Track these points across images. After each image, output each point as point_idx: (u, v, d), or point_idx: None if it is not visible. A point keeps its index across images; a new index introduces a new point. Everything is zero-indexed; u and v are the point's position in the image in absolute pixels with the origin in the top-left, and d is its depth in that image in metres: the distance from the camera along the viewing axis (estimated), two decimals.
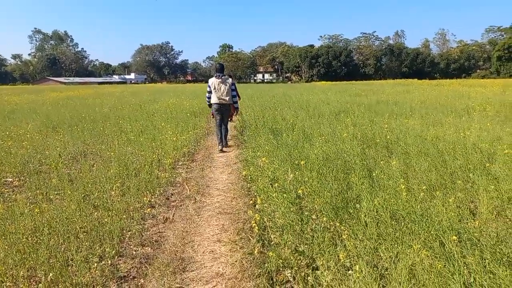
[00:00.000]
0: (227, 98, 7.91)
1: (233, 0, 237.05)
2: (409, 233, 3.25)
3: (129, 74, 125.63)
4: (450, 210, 3.59)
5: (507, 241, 3.10)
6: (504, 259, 2.81)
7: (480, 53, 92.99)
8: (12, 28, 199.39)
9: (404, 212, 3.62)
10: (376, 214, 3.65)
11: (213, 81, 7.93)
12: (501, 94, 20.53)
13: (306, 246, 3.26)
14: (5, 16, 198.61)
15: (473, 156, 5.65)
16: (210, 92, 8.07)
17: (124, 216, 4.04)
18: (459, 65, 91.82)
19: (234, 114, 8.81)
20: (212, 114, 8.29)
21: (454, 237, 2.99)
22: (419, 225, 3.33)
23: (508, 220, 3.62)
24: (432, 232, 3.18)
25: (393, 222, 3.44)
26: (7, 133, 8.84)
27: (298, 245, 3.29)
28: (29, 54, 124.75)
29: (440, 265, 2.68)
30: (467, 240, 3.09)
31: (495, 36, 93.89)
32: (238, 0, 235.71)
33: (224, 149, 8.06)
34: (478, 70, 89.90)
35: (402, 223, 3.40)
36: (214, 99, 7.95)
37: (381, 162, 5.37)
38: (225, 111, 8.12)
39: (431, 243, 3.07)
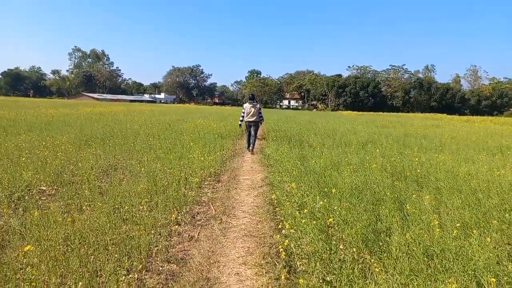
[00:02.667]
0: (255, 118, 11.11)
1: (263, 27, 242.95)
2: (443, 271, 3.12)
3: (159, 93, 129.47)
4: (487, 251, 3.43)
5: None
6: None
7: None
8: (54, 46, 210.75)
9: (438, 248, 3.50)
10: (407, 248, 3.53)
11: (246, 105, 11.18)
12: None
13: (334, 276, 3.18)
14: (49, 34, 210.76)
15: (509, 196, 5.42)
16: (243, 113, 11.24)
17: (152, 232, 4.08)
18: (491, 102, 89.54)
19: (260, 125, 11.83)
20: (244, 129, 11.52)
21: (493, 279, 2.85)
22: (453, 263, 3.20)
23: None
24: (468, 272, 3.04)
25: (425, 258, 3.32)
26: (43, 143, 9.21)
27: (326, 274, 3.21)
28: (67, 70, 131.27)
29: None
30: (506, 284, 2.94)
31: None
32: (268, 28, 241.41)
33: (252, 153, 10.97)
34: (511, 109, 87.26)
35: (436, 260, 3.27)
36: (246, 118, 11.13)
37: (413, 196, 5.23)
38: (254, 125, 11.19)
39: (467, 283, 2.93)
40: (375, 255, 3.45)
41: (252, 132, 11.14)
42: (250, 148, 11.05)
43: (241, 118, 11.45)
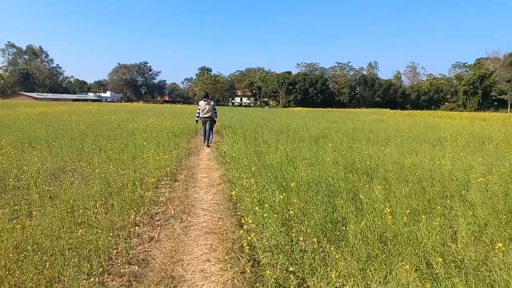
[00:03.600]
0: (209, 114, 12.08)
1: (212, 23, 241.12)
2: (397, 255, 3.36)
3: (105, 92, 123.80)
4: (434, 234, 3.73)
5: (487, 264, 3.26)
6: (487, 281, 2.95)
7: (448, 86, 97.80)
8: None
9: (391, 234, 3.74)
10: (363, 236, 3.75)
11: (201, 103, 12.22)
12: (469, 126, 21.58)
13: (296, 266, 3.30)
14: None
15: (449, 184, 5.91)
16: (199, 110, 12.16)
17: (110, 234, 3.95)
18: (429, 97, 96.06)
19: (214, 123, 12.75)
20: (202, 124, 12.31)
21: (440, 259, 3.12)
22: (405, 247, 3.45)
23: (485, 244, 3.79)
24: (419, 254, 3.30)
25: (380, 244, 3.54)
26: None
27: (289, 265, 3.32)
28: (0, 68, 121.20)
29: (429, 286, 2.78)
30: (451, 262, 3.23)
31: (461, 72, 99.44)
32: (217, 24, 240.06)
33: (208, 146, 11.88)
34: (446, 103, 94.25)
35: (390, 245, 3.51)
36: (202, 114, 12.06)
37: (366, 186, 5.53)
38: (209, 121, 12.07)
39: (418, 264, 3.18)
40: (334, 244, 3.62)
41: (208, 127, 12.04)
42: (206, 142, 11.95)
43: (197, 115, 12.30)
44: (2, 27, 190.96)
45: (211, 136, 12.35)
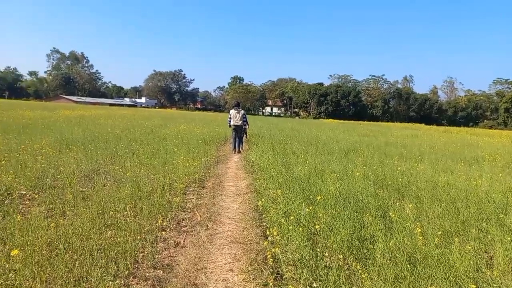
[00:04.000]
0: (239, 122, 12.57)
1: (247, 33, 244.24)
2: (426, 278, 3.22)
3: (140, 98, 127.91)
4: (467, 258, 3.56)
5: None
6: None
7: (487, 103, 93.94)
8: (31, 46, 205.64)
9: (420, 256, 3.60)
10: (391, 255, 3.62)
11: (232, 111, 12.79)
12: (510, 145, 20.56)
13: (320, 283, 3.24)
14: (25, 34, 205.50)
15: (486, 206, 5.63)
16: (230, 118, 12.75)
17: (137, 237, 4.04)
18: (467, 113, 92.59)
19: (244, 132, 13.22)
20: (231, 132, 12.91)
21: (473, 286, 2.96)
22: (436, 270, 3.30)
23: None
24: (450, 279, 3.15)
25: (408, 265, 3.41)
26: (22, 146, 8.96)
27: (312, 281, 3.26)
28: (45, 72, 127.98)
29: None
30: None
31: (502, 88, 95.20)
32: (251, 33, 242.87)
33: (238, 151, 12.42)
34: (485, 120, 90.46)
35: (419, 267, 3.37)
36: (232, 123, 12.55)
37: (396, 204, 5.37)
38: (239, 130, 12.60)
39: None
40: (360, 262, 3.52)
41: (237, 135, 12.59)
42: (236, 149, 12.46)
43: (228, 121, 12.91)
44: (48, 33, 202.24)
45: (241, 144, 12.82)
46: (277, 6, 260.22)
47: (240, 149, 12.62)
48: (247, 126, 13.38)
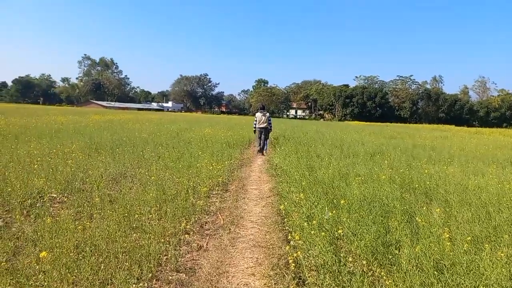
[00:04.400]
0: (265, 125, 13.04)
1: (271, 36, 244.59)
2: (454, 286, 3.10)
3: (167, 102, 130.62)
4: (499, 266, 3.40)
5: None
6: None
7: None
8: (64, 54, 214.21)
9: (448, 262, 3.47)
10: (417, 262, 3.51)
11: (258, 114, 13.29)
12: None
13: None
14: (59, 42, 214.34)
15: None
16: (255, 121, 13.23)
17: (161, 240, 4.11)
18: (500, 114, 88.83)
19: (269, 132, 13.72)
20: (256, 134, 13.30)
21: None
22: (464, 278, 3.17)
23: None
24: (480, 287, 3.02)
25: (435, 272, 3.30)
26: (54, 151, 9.33)
27: (335, 287, 3.21)
28: (76, 78, 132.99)
29: None
30: None
31: None
32: (276, 37, 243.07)
33: (263, 153, 12.93)
34: None
35: (446, 274, 3.25)
36: (258, 125, 13.04)
37: (423, 208, 5.21)
38: (264, 131, 13.07)
39: None
40: (384, 268, 3.44)
41: (263, 137, 13.05)
42: (262, 151, 13.02)
43: (254, 125, 13.34)
44: (80, 40, 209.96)
45: (265, 146, 13.37)
46: (302, 10, 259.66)
47: (264, 152, 13.08)
48: (271, 126, 13.75)
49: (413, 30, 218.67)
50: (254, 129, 13.45)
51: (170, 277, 3.43)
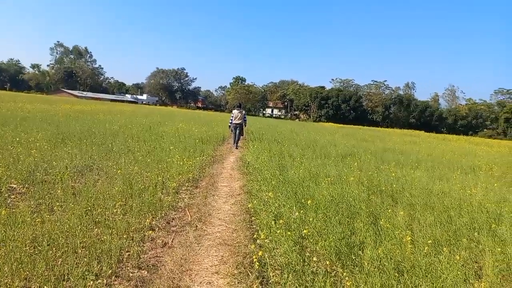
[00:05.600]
0: (240, 121, 13.98)
1: (250, 35, 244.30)
2: (413, 287, 3.18)
3: (141, 94, 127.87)
4: (455, 268, 3.51)
5: None
6: None
7: (488, 113, 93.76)
8: (35, 40, 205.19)
9: (408, 264, 3.56)
10: (379, 263, 3.58)
11: (235, 111, 14.17)
12: (508, 155, 20.53)
13: None
14: (29, 27, 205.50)
15: (479, 215, 5.59)
16: (232, 117, 14.08)
17: (124, 236, 3.99)
18: (467, 122, 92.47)
19: (244, 127, 14.59)
20: (231, 130, 14.34)
21: None
22: (423, 280, 3.26)
23: None
24: None
25: (396, 274, 3.37)
26: (17, 139, 8.92)
27: (298, 286, 3.22)
28: (47, 65, 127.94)
29: None
30: None
31: (503, 98, 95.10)
32: (255, 36, 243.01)
33: (236, 148, 13.78)
34: (485, 130, 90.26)
35: (406, 276, 3.33)
36: (234, 121, 13.98)
37: (389, 211, 5.33)
38: (239, 127, 14.05)
39: None
40: (347, 269, 3.48)
41: (237, 132, 14.14)
42: (235, 145, 14.09)
43: (230, 121, 14.33)
44: (52, 27, 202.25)
45: (239, 140, 14.54)
46: (280, 10, 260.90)
47: (237, 145, 14.24)
48: (245, 125, 14.82)
49: (389, 36, 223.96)
50: (229, 124, 14.44)
51: (131, 274, 3.34)
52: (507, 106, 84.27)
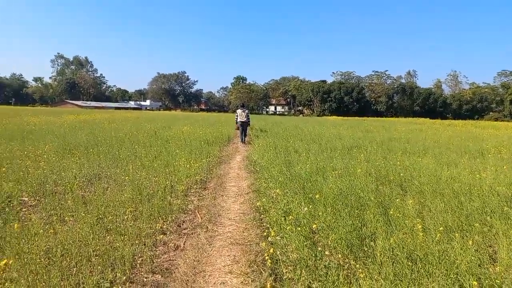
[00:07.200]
0: (245, 119, 15.52)
1: (248, 34, 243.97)
2: (426, 275, 3.17)
3: (144, 100, 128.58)
4: (469, 254, 3.50)
5: None
6: None
7: (492, 95, 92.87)
8: (36, 53, 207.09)
9: (421, 253, 3.55)
10: (391, 253, 3.58)
11: (239, 111, 15.75)
12: None
13: (319, 283, 3.20)
14: (30, 41, 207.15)
15: (490, 199, 5.54)
16: (237, 116, 15.71)
17: (136, 242, 4.03)
18: (472, 106, 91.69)
19: (248, 125, 16.12)
20: (238, 127, 15.82)
21: (475, 283, 2.91)
22: (436, 267, 3.25)
23: None
24: (451, 276, 3.09)
25: (409, 263, 3.36)
26: (25, 153, 9.02)
27: (311, 281, 3.23)
28: (50, 78, 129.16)
29: None
30: (488, 287, 3.00)
31: (507, 80, 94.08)
32: (253, 34, 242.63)
33: (243, 144, 15.03)
34: (491, 113, 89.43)
35: (419, 264, 3.32)
36: (239, 119, 15.53)
37: (397, 200, 5.30)
38: (245, 125, 15.59)
39: (450, 287, 2.98)
40: (360, 261, 3.48)
41: (243, 129, 15.60)
42: (243, 140, 15.50)
43: (236, 119, 15.95)
44: (52, 39, 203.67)
45: (245, 137, 15.89)
46: (278, 7, 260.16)
47: (245, 141, 15.57)
48: (250, 121, 16.47)
49: (388, 24, 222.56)
50: (236, 121, 16.02)
51: (145, 279, 3.37)
52: (511, 87, 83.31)
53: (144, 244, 4.06)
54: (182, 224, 5.04)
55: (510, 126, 34.88)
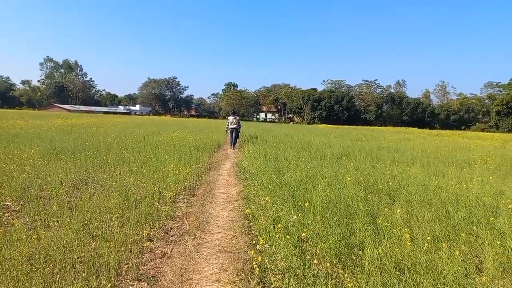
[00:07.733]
0: (236, 126, 15.91)
1: (240, 40, 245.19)
2: (414, 285, 3.17)
3: (134, 105, 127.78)
4: (456, 264, 3.51)
5: None
6: None
7: (479, 106, 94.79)
8: (24, 56, 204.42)
9: (409, 262, 3.55)
10: (380, 262, 3.57)
11: (230, 117, 16.12)
12: (501, 148, 20.68)
13: None
14: (18, 43, 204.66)
15: (476, 209, 5.61)
16: (228, 123, 16.03)
17: (122, 248, 3.95)
18: (459, 117, 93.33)
19: (238, 131, 16.51)
20: (228, 133, 16.16)
21: None
22: (424, 277, 3.26)
23: None
24: (438, 286, 3.10)
25: (397, 272, 3.36)
26: (10, 156, 8.84)
27: None
28: (38, 81, 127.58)
29: None
30: None
31: (493, 91, 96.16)
32: (245, 41, 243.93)
33: (233, 150, 15.32)
34: (477, 123, 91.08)
35: (407, 274, 3.32)
36: (230, 126, 15.91)
37: (385, 209, 5.33)
38: (235, 131, 15.88)
39: None
40: (348, 270, 3.47)
41: (234, 135, 15.93)
42: (233, 146, 15.73)
43: (227, 126, 16.28)
44: (42, 42, 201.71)
45: (236, 142, 16.19)
46: (270, 14, 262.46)
47: (235, 146, 15.82)
48: (241, 127, 16.92)
49: (378, 34, 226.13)
50: (226, 128, 16.34)
51: (131, 287, 3.30)
52: (497, 99, 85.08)
53: (130, 251, 3.99)
54: (170, 231, 4.97)
55: (496, 137, 35.51)
